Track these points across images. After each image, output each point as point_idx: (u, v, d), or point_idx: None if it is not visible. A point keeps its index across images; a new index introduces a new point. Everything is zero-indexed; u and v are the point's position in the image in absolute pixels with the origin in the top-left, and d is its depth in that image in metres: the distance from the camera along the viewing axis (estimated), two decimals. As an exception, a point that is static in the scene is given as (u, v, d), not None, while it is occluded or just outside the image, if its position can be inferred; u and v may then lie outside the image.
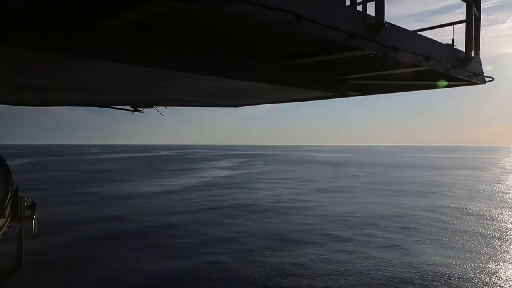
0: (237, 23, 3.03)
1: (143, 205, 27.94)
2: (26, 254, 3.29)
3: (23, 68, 3.50)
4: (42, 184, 39.82)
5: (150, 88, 4.63)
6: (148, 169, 65.87)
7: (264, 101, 6.44)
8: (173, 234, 19.03)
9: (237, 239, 18.01)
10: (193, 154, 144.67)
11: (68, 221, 22.13)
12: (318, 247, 16.50)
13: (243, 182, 43.51)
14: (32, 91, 4.97)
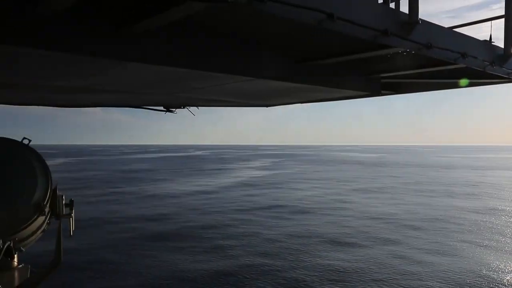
0: (268, 23, 3.01)
1: (183, 205, 28.16)
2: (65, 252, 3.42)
3: (58, 70, 3.59)
4: (80, 184, 41.01)
5: (183, 89, 4.68)
6: (183, 169, 66.76)
7: (295, 101, 6.39)
8: (217, 235, 18.89)
9: (283, 240, 17.72)
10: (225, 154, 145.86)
11: (109, 220, 22.60)
12: (368, 250, 15.99)
13: (280, 183, 43.35)
14: (67, 93, 5.11)
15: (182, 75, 3.77)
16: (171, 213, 24.72)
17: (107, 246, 17.14)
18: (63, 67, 3.43)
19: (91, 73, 3.69)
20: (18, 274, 2.84)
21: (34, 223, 2.30)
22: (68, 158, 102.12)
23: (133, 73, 3.67)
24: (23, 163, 2.33)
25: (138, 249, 16.53)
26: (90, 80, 4.05)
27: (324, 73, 4.34)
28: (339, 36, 2.99)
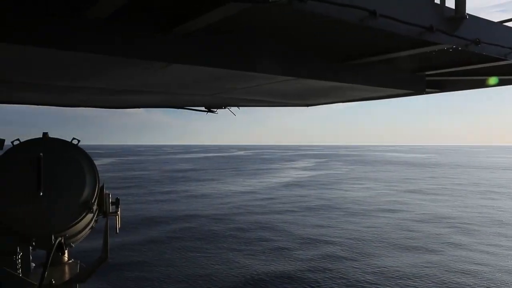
0: (308, 22, 2.99)
1: (233, 205, 28.15)
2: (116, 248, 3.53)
3: (102, 72, 3.71)
4: (130, 183, 42.00)
5: (225, 89, 4.73)
6: (228, 168, 67.14)
7: (336, 100, 6.31)
8: (274, 236, 18.66)
9: (344, 243, 17.17)
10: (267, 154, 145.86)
11: (161, 219, 22.88)
12: (440, 256, 15.09)
13: (328, 183, 42.74)
14: (112, 94, 5.27)
15: (224, 76, 3.81)
16: (222, 213, 24.76)
17: (161, 245, 17.39)
18: (107, 69, 3.54)
19: (135, 75, 3.79)
20: (69, 268, 2.97)
21: (83, 220, 2.39)
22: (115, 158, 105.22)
23: (176, 75, 3.74)
24: (73, 163, 2.42)
25: (194, 249, 16.62)
26: (134, 82, 4.16)
27: (367, 71, 4.27)
28: (382, 34, 2.94)
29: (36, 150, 2.27)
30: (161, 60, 3.05)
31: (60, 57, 3.06)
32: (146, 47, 2.89)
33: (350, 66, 4.05)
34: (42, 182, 2.18)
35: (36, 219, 2.25)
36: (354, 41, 3.61)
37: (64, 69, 3.61)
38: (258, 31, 3.23)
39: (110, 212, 2.74)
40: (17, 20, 2.37)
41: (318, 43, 3.61)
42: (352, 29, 3.07)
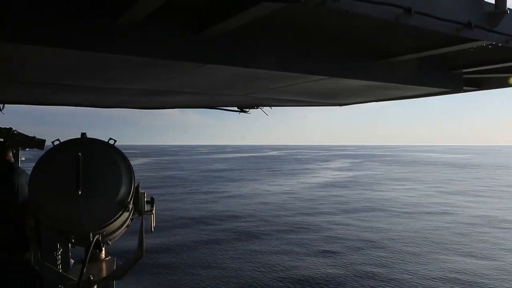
0: (343, 20, 2.96)
1: (273, 205, 27.80)
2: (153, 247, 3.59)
3: (137, 74, 3.80)
4: (165, 183, 42.27)
5: (258, 89, 4.74)
6: (263, 168, 66.82)
7: (371, 99, 6.21)
8: (314, 237, 18.23)
9: (395, 247, 16.37)
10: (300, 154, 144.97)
11: (201, 219, 22.75)
12: (500, 263, 13.95)
13: (367, 184, 41.67)
14: (147, 95, 5.37)
15: (257, 76, 3.82)
16: (262, 214, 24.46)
17: (204, 245, 17.32)
18: (142, 71, 3.62)
19: (170, 76, 3.86)
20: (106, 265, 3.04)
21: (119, 218, 2.44)
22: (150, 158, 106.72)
23: (209, 75, 3.78)
24: (110, 162, 2.47)
25: (238, 251, 16.48)
26: (169, 83, 4.22)
27: (402, 69, 4.19)
28: (418, 31, 2.88)
29: (75, 150, 2.33)
30: (194, 61, 3.09)
31: (98, 60, 3.16)
32: (180, 49, 2.93)
33: (384, 64, 3.98)
34: (80, 181, 2.24)
35: (75, 217, 2.31)
36: (388, 39, 3.55)
37: (101, 72, 3.72)
38: (291, 30, 3.22)
39: (145, 211, 2.79)
40: (58, 25, 2.46)
41: (351, 41, 3.57)
42: (387, 27, 3.03)
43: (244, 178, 48.23)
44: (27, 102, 7.21)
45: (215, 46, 3.03)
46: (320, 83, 4.18)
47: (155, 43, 2.82)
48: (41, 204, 2.33)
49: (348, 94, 5.33)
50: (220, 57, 3.12)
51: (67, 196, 2.26)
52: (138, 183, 2.64)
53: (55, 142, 2.51)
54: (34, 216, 2.45)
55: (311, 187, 38.98)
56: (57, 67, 3.60)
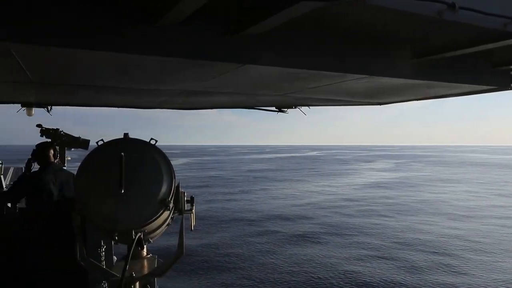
0: (383, 17, 2.91)
1: (318, 205, 27.42)
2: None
3: (176, 75, 3.86)
4: (207, 183, 42.58)
5: (296, 89, 4.72)
6: (303, 169, 66.12)
7: (411, 98, 6.02)
8: (370, 240, 17.67)
9: (457, 253, 15.46)
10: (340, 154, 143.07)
11: (247, 220, 22.77)
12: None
13: (415, 185, 40.41)
14: (185, 96, 5.46)
15: (295, 76, 3.80)
16: (309, 215, 24.06)
17: (253, 246, 17.26)
18: (182, 71, 3.68)
19: (209, 77, 3.90)
20: (148, 263, 3.12)
21: (160, 217, 2.49)
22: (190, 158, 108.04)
23: (248, 75, 3.79)
24: (151, 162, 2.52)
25: (291, 252, 16.24)
26: (207, 83, 4.27)
27: (445, 67, 4.05)
28: (462, 27, 2.78)
29: (118, 150, 2.40)
30: (233, 61, 3.11)
31: (138, 61, 3.23)
32: (219, 49, 2.95)
33: (426, 62, 3.87)
34: (123, 180, 2.29)
35: (118, 215, 2.37)
36: (431, 36, 3.45)
37: (141, 73, 3.80)
38: (330, 28, 3.19)
39: (185, 210, 2.83)
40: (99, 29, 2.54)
41: (391, 39, 3.49)
42: (429, 23, 2.94)
43: (287, 179, 47.79)
44: (73, 104, 7.48)
45: (253, 46, 3.04)
46: (359, 82, 4.12)
47: (194, 44, 2.85)
48: (86, 202, 2.41)
49: (388, 93, 5.22)
50: (258, 57, 3.12)
51: (110, 195, 2.32)
52: (178, 183, 2.68)
53: (99, 142, 2.59)
54: (80, 214, 2.54)
55: (358, 188, 38.18)
56: (100, 70, 3.72)
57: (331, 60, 3.41)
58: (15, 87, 4.91)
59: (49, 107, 7.44)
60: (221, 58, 3.03)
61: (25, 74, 3.69)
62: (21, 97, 6.36)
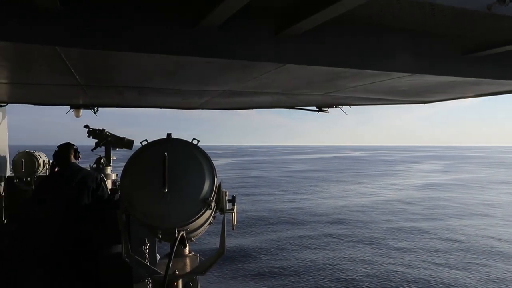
0: (425, 14, 2.82)
1: (371, 207, 26.61)
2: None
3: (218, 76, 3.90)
4: (253, 183, 42.64)
5: (338, 88, 4.66)
6: (347, 170, 64.79)
7: (458, 96, 5.78)
8: (443, 245, 16.99)
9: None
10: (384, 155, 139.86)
11: (299, 221, 22.59)
12: None
13: (472, 187, 38.62)
14: (227, 97, 5.50)
15: (337, 75, 3.75)
16: (371, 218, 23.38)
17: (313, 249, 17.03)
18: (223, 72, 3.71)
19: (250, 77, 3.91)
20: (190, 261, 3.16)
21: (202, 216, 2.51)
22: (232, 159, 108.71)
23: (289, 75, 3.78)
24: (193, 162, 2.55)
25: (356, 255, 15.94)
26: (249, 84, 4.29)
27: (493, 63, 3.88)
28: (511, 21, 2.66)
29: (161, 150, 2.44)
30: (275, 61, 3.10)
31: (184, 63, 3.29)
32: (260, 49, 2.96)
33: (473, 58, 3.72)
34: (166, 179, 2.33)
35: (161, 213, 2.42)
36: (478, 31, 3.31)
37: (184, 75, 3.86)
38: (373, 25, 3.13)
39: (227, 210, 2.84)
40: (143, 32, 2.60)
41: (437, 35, 3.38)
42: (478, 18, 2.83)
43: (333, 179, 47.00)
44: (118, 105, 7.71)
45: (295, 46, 3.02)
46: (402, 81, 4.01)
47: (237, 45, 2.87)
48: (131, 200, 2.47)
49: (433, 90, 5.05)
50: (299, 57, 3.10)
51: (154, 194, 2.37)
52: (220, 182, 2.70)
53: (143, 143, 2.65)
54: (125, 212, 2.61)
55: (410, 190, 37.01)
56: (145, 72, 3.81)
57: (374, 58, 3.34)
58: (64, 89, 5.11)
59: (95, 108, 7.69)
60: (263, 58, 3.03)
61: (74, 77, 3.84)
62: (70, 99, 6.62)
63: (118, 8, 2.50)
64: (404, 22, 3.06)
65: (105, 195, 5.59)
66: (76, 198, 5.27)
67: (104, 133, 8.16)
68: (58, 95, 6.08)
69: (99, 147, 8.24)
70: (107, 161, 7.86)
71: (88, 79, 4.23)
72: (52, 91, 5.42)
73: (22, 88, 5.15)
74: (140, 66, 3.52)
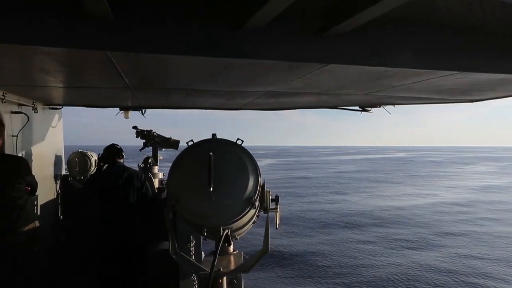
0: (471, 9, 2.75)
1: (436, 210, 25.65)
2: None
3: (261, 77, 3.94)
4: (300, 184, 41.98)
5: (382, 87, 4.60)
6: (395, 171, 62.60)
7: (507, 94, 5.51)
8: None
9: None
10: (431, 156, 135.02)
11: (358, 222, 22.10)
12: None
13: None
14: (270, 97, 5.54)
15: (381, 74, 3.70)
16: (438, 223, 22.46)
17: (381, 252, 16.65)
18: (267, 73, 3.75)
19: (293, 78, 3.93)
20: (234, 259, 3.22)
21: (246, 215, 2.55)
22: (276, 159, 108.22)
23: (332, 75, 3.77)
24: (238, 161, 2.60)
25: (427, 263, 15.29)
26: (292, 84, 4.30)
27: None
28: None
29: (206, 150, 2.49)
30: (317, 61, 3.11)
31: (228, 65, 3.36)
32: (303, 50, 2.97)
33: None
34: (212, 179, 2.38)
35: (206, 212, 2.47)
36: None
37: (228, 76, 3.94)
38: (417, 23, 3.07)
39: (271, 209, 2.87)
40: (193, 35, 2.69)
41: (483, 32, 3.26)
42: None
43: (383, 181, 45.65)
44: (164, 106, 7.92)
45: (338, 46, 3.01)
46: (449, 79, 3.90)
47: (280, 46, 2.90)
48: (177, 198, 2.55)
49: (481, 89, 4.87)
50: (342, 57, 3.08)
51: (200, 193, 2.43)
52: (263, 181, 2.73)
53: (189, 143, 2.73)
54: (172, 210, 2.69)
55: (469, 192, 35.31)
56: (192, 74, 3.92)
57: (419, 56, 3.27)
58: (114, 92, 5.32)
59: (143, 110, 7.93)
60: (306, 59, 3.05)
61: (123, 80, 4.00)
62: (120, 101, 6.87)
63: (166, 13, 2.60)
64: (449, 18, 2.99)
65: (149, 193, 5.78)
66: (122, 196, 5.48)
67: (152, 133, 8.40)
68: (108, 98, 6.33)
69: (146, 147, 8.49)
70: (154, 160, 8.09)
71: (137, 82, 4.39)
72: (103, 94, 5.65)
73: (75, 91, 5.41)
74: (187, 69, 3.62)
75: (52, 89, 4.97)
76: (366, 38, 3.04)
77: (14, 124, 5.24)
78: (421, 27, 3.11)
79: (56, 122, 7.88)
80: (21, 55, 3.04)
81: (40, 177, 4.98)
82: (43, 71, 3.65)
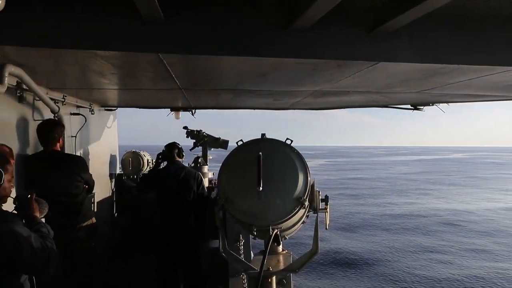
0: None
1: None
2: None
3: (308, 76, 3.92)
4: (353, 185, 40.38)
5: (435, 85, 4.45)
6: (456, 172, 59.54)
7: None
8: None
9: None
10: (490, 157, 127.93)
11: (426, 226, 21.61)
12: None
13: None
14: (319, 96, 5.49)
15: (435, 71, 3.58)
16: (497, 227, 21.77)
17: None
18: (315, 72, 3.72)
19: (342, 77, 3.88)
20: (283, 258, 3.23)
21: (295, 214, 2.55)
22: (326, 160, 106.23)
23: (383, 73, 3.69)
24: (288, 161, 2.60)
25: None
26: (341, 83, 4.25)
27: None
28: None
29: (256, 150, 2.52)
30: (367, 59, 3.06)
31: (277, 65, 3.37)
32: (352, 48, 2.94)
33: None
34: (261, 178, 2.40)
35: (256, 211, 2.49)
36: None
37: (277, 76, 3.94)
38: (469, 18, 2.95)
39: (320, 209, 2.84)
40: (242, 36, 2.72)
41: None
42: None
43: (444, 183, 43.67)
44: (213, 107, 8.03)
45: (388, 43, 2.96)
46: (508, 75, 3.70)
47: (329, 45, 2.88)
48: (227, 197, 2.59)
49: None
50: (394, 54, 3.02)
51: (250, 192, 2.45)
52: (313, 181, 2.71)
53: (239, 143, 2.76)
54: (222, 209, 2.73)
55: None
56: (241, 75, 3.96)
57: (475, 52, 3.13)
58: (166, 93, 5.47)
59: (193, 110, 8.09)
60: (356, 57, 3.01)
61: (174, 81, 4.10)
62: (171, 102, 7.05)
63: (215, 15, 2.65)
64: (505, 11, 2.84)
65: (205, 192, 5.88)
66: (180, 195, 5.61)
67: (201, 133, 8.55)
68: (160, 99, 6.51)
69: (196, 147, 8.65)
70: (204, 160, 8.24)
71: (188, 83, 4.49)
72: (155, 95, 5.82)
73: (129, 93, 5.61)
74: (236, 69, 3.67)
75: (107, 91, 5.17)
76: (416, 35, 2.96)
77: (73, 125, 5.48)
78: (475, 23, 2.99)
79: (111, 123, 8.18)
80: (80, 60, 3.19)
81: (97, 175, 5.19)
82: (99, 74, 3.82)
